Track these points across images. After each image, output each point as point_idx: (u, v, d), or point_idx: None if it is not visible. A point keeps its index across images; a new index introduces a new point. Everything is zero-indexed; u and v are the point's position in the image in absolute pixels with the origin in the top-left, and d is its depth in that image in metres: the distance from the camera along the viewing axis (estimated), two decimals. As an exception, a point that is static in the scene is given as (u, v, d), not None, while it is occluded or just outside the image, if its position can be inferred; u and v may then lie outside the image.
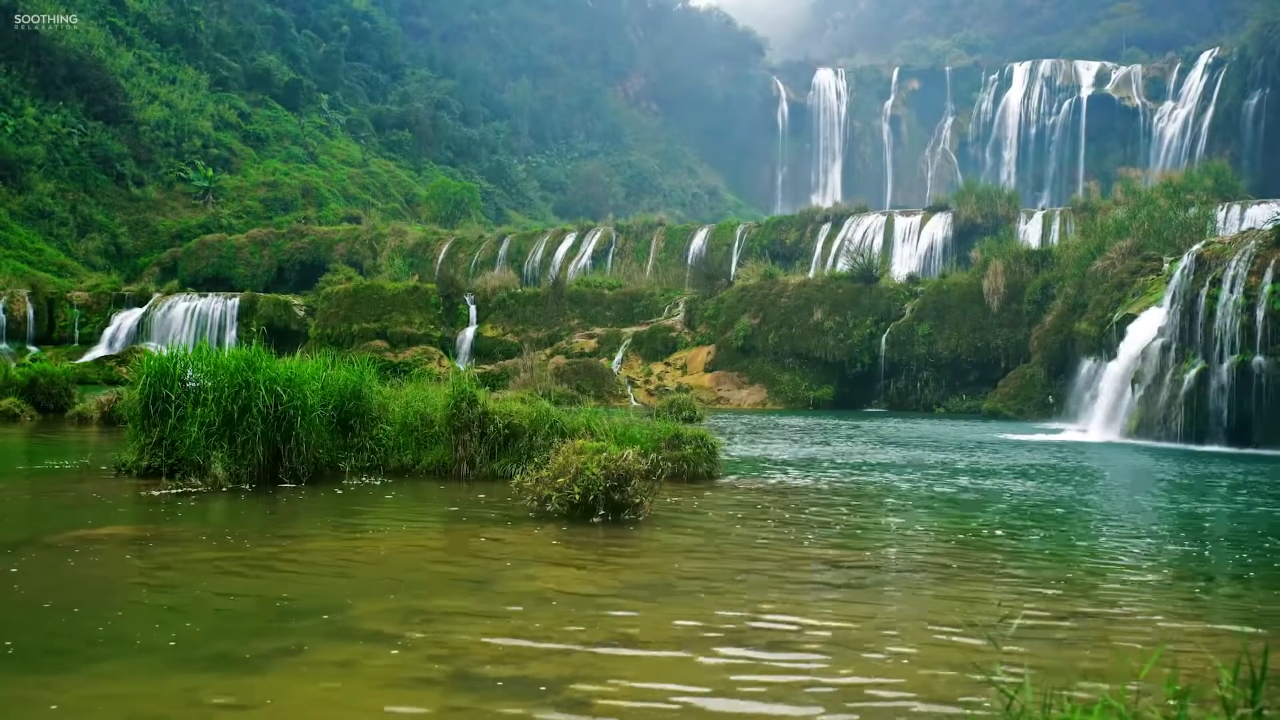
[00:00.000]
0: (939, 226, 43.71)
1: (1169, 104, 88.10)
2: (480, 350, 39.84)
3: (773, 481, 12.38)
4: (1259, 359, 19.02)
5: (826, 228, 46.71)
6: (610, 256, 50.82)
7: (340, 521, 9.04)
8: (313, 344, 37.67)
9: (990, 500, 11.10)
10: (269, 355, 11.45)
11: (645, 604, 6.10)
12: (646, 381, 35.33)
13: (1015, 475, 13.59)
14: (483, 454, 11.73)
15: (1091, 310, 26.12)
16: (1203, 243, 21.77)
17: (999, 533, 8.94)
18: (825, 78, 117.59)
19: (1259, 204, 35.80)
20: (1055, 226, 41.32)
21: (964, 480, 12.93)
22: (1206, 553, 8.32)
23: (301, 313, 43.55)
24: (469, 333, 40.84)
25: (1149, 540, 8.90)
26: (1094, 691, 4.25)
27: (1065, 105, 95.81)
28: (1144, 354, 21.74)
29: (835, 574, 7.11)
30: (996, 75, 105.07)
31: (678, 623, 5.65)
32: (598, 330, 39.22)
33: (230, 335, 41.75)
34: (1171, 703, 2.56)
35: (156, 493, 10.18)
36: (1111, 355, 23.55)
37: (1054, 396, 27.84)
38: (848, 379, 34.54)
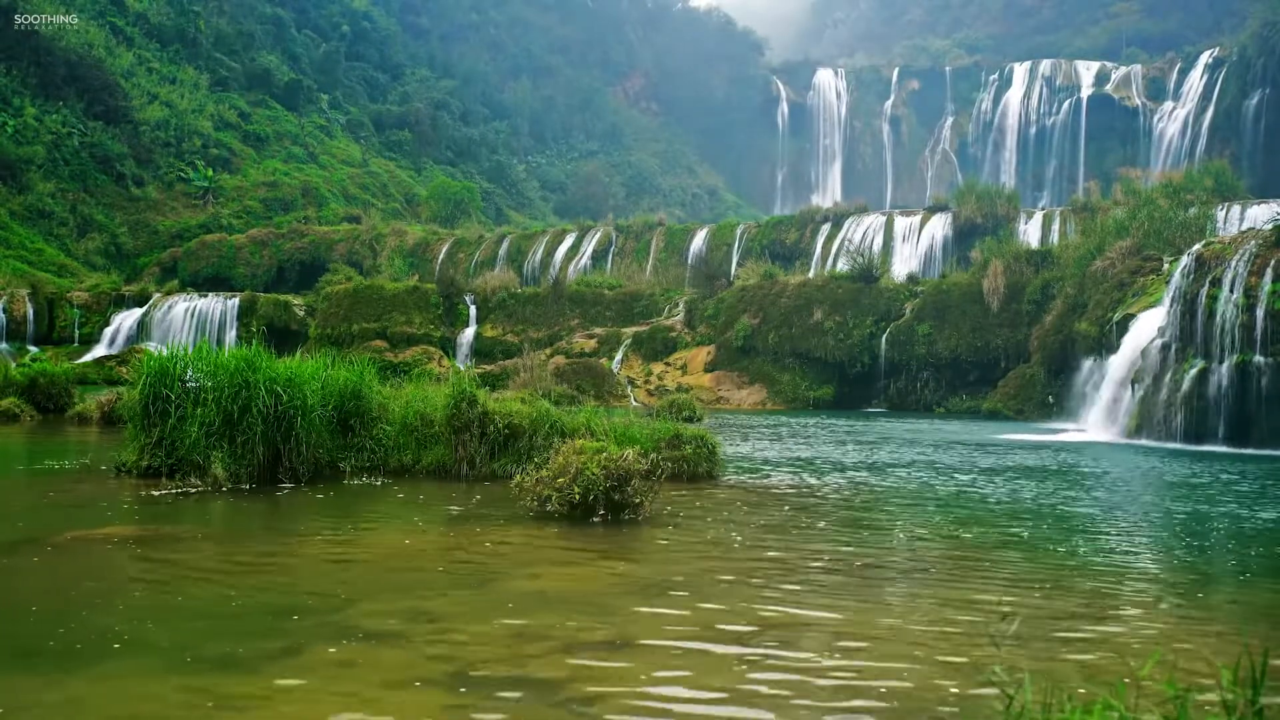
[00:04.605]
0: (939, 226, 43.72)
1: (1169, 104, 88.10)
2: (480, 350, 39.84)
3: (773, 481, 12.38)
4: (1259, 359, 19.01)
5: (826, 228, 46.72)
6: (610, 256, 50.82)
7: (340, 521, 9.04)
8: (313, 344, 37.67)
9: (990, 500, 11.10)
10: (269, 355, 11.45)
11: (645, 603, 6.10)
12: (646, 381, 35.33)
13: (1015, 475, 13.60)
14: (483, 454, 11.73)
15: (1091, 310, 26.12)
16: (1203, 243, 21.77)
17: (999, 532, 8.94)
18: (825, 78, 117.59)
19: (1259, 204, 35.80)
20: (1055, 226, 41.32)
21: (964, 480, 12.93)
22: (1206, 553, 8.32)
23: (301, 313, 43.55)
24: (469, 333, 40.84)
25: (1149, 540, 8.90)
26: (1094, 691, 4.25)
27: (1065, 105, 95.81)
28: (1144, 354, 21.74)
29: (836, 573, 7.11)
30: (996, 75, 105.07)
31: (678, 622, 5.65)
32: (598, 330, 39.22)
33: (230, 335, 41.75)
34: (1171, 703, 2.56)
35: (156, 493, 10.18)
36: (1111, 355, 23.55)
37: (1054, 396, 27.84)
38: (848, 379, 34.54)
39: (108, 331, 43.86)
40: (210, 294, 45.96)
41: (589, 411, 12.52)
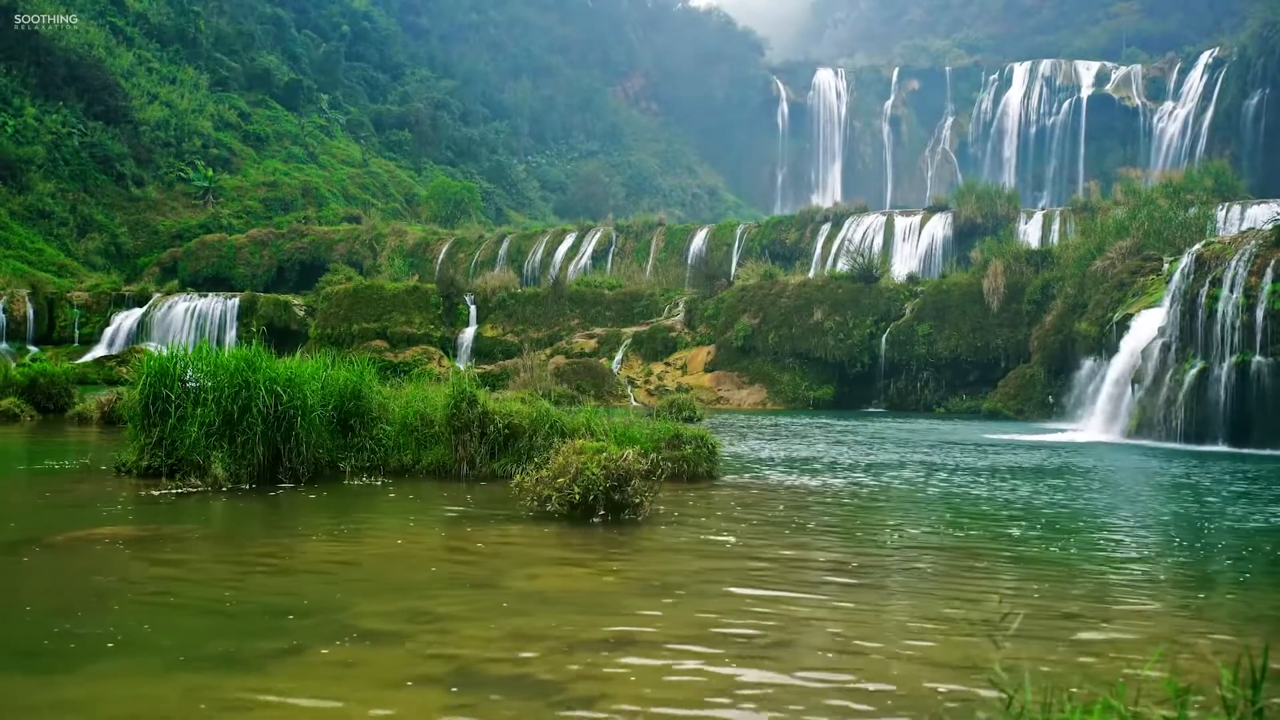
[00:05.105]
0: (939, 226, 43.72)
1: (1169, 104, 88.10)
2: (480, 350, 39.83)
3: (772, 481, 12.38)
4: (1259, 359, 19.02)
5: (826, 228, 46.72)
6: (610, 256, 50.82)
7: (340, 521, 9.04)
8: (313, 344, 37.67)
9: (990, 500, 11.10)
10: (269, 355, 11.45)
11: (645, 604, 6.10)
12: (646, 381, 35.33)
13: (1014, 475, 13.59)
14: (483, 454, 11.73)
15: (1091, 310, 26.12)
16: (1203, 243, 21.77)
17: (998, 532, 8.94)
18: (825, 78, 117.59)
19: (1259, 204, 35.80)
20: (1055, 226, 41.32)
21: (963, 480, 12.93)
22: (1206, 553, 8.31)
23: (301, 313, 43.55)
24: (469, 333, 40.84)
25: (1148, 540, 8.90)
26: (1094, 691, 4.25)
27: (1065, 105, 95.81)
28: (1144, 354, 21.74)
29: (835, 573, 7.12)
30: (996, 75, 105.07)
31: (678, 622, 5.65)
32: (598, 330, 39.22)
33: (230, 335, 41.75)
34: (1171, 703, 2.56)
35: (156, 493, 10.18)
36: (1111, 355, 23.55)
37: (1054, 396, 27.84)
38: (848, 379, 34.54)
39: (108, 331, 43.85)
40: (210, 294, 45.95)
41: (589, 411, 12.52)
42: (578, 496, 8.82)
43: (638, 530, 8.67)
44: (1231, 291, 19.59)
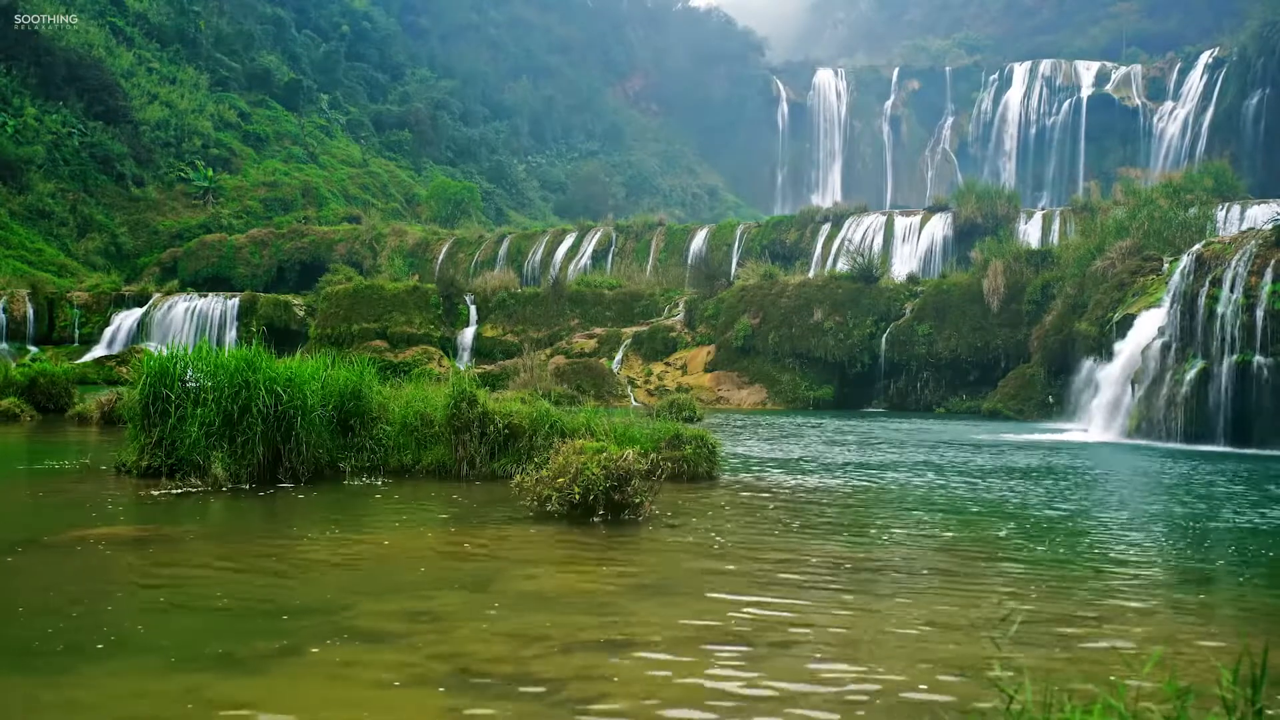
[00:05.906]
0: (939, 226, 43.71)
1: (1169, 104, 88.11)
2: (480, 350, 39.84)
3: (772, 481, 12.38)
4: (1259, 359, 19.01)
5: (826, 228, 46.72)
6: (610, 256, 50.82)
7: (340, 521, 9.04)
8: (313, 344, 37.65)
9: (989, 500, 11.09)
10: (269, 355, 11.44)
11: (645, 604, 6.10)
12: (646, 381, 35.32)
13: (1014, 475, 13.59)
14: (483, 454, 11.72)
15: (1091, 310, 26.12)
16: (1203, 243, 21.76)
17: (998, 533, 8.94)
18: (825, 78, 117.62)
19: (1259, 204, 35.81)
20: (1055, 226, 41.33)
21: (963, 480, 12.93)
22: (1206, 553, 8.31)
23: (301, 313, 43.54)
24: (469, 333, 40.84)
25: (1149, 540, 8.90)
26: (1094, 691, 4.25)
27: (1065, 105, 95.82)
28: (1144, 354, 21.74)
29: (835, 574, 7.11)
30: (996, 75, 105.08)
31: (678, 622, 5.64)
32: (598, 330, 39.22)
33: (230, 335, 41.75)
34: (1171, 703, 2.56)
35: (156, 493, 10.18)
36: (1111, 355, 23.55)
37: (1054, 396, 27.84)
38: (848, 379, 34.53)
39: (108, 331, 43.85)
40: (210, 294, 45.95)
41: (589, 411, 12.51)
42: (578, 496, 8.82)
43: (638, 530, 8.67)
44: (1231, 291, 19.59)
